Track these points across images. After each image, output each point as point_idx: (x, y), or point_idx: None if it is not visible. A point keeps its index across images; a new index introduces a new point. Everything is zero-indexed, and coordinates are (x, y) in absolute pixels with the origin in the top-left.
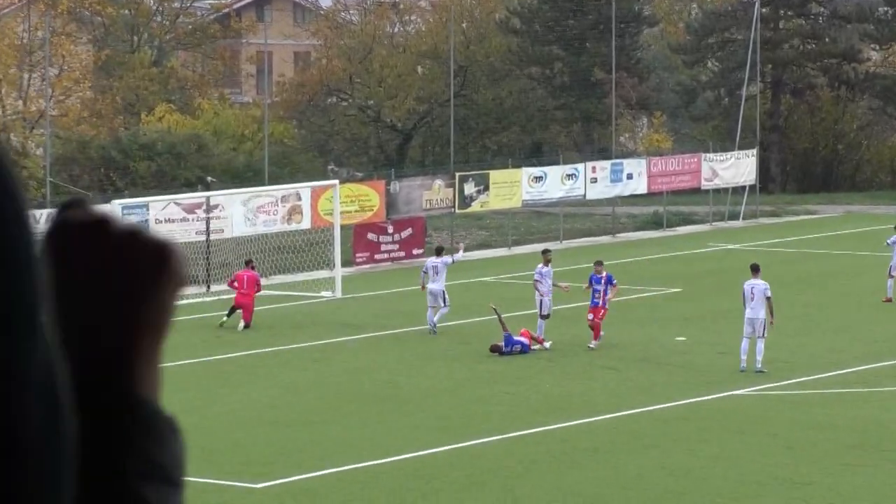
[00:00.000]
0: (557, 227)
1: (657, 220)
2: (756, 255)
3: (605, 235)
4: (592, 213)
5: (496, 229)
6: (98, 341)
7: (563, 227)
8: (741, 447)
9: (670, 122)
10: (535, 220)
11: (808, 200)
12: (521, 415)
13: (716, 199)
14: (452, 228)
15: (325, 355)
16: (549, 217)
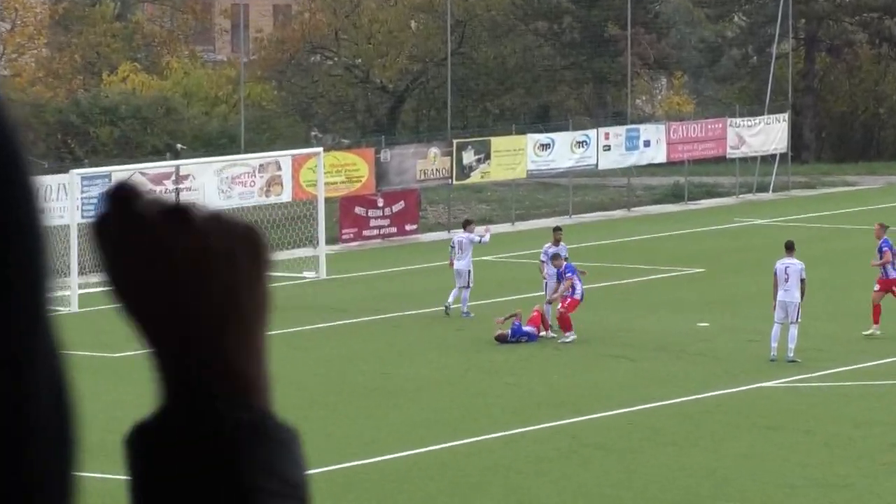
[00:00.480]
0: (566, 201)
1: (677, 192)
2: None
3: (619, 209)
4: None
5: (498, 203)
6: (203, 348)
7: (572, 200)
8: (771, 445)
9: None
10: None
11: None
12: (525, 409)
13: (743, 169)
14: (450, 202)
15: (307, 342)
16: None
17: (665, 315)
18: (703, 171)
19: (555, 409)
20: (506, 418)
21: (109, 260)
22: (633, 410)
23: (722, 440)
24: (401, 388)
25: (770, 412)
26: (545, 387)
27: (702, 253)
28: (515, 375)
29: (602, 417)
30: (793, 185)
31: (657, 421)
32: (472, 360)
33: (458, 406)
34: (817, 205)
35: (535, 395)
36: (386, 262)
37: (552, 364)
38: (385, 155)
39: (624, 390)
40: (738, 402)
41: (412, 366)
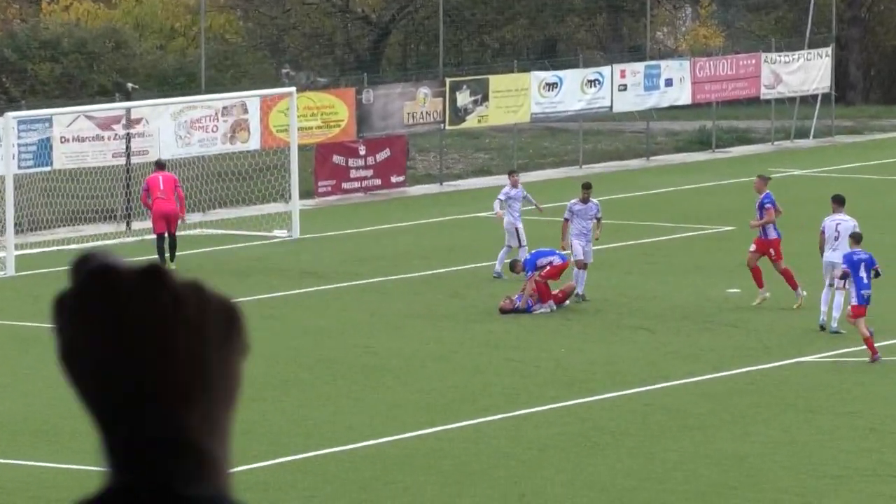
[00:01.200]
0: (576, 149)
1: (704, 138)
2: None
3: (636, 158)
4: (621, 129)
5: (497, 151)
6: (164, 422)
7: (583, 147)
8: (810, 429)
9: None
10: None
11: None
12: (528, 388)
13: (779, 111)
14: (442, 150)
15: (278, 312)
16: (565, 135)
17: (690, 280)
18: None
19: (563, 388)
20: (507, 399)
21: (69, 332)
22: (653, 389)
23: (753, 423)
24: (386, 364)
25: (809, 391)
26: (552, 363)
27: (732, 209)
28: (518, 350)
29: (617, 398)
30: (837, 130)
31: (679, 402)
32: (469, 332)
33: (452, 385)
34: (865, 152)
35: (541, 373)
36: (369, 219)
37: (560, 337)
38: (367, 96)
39: (642, 367)
40: (772, 379)
41: (399, 339)
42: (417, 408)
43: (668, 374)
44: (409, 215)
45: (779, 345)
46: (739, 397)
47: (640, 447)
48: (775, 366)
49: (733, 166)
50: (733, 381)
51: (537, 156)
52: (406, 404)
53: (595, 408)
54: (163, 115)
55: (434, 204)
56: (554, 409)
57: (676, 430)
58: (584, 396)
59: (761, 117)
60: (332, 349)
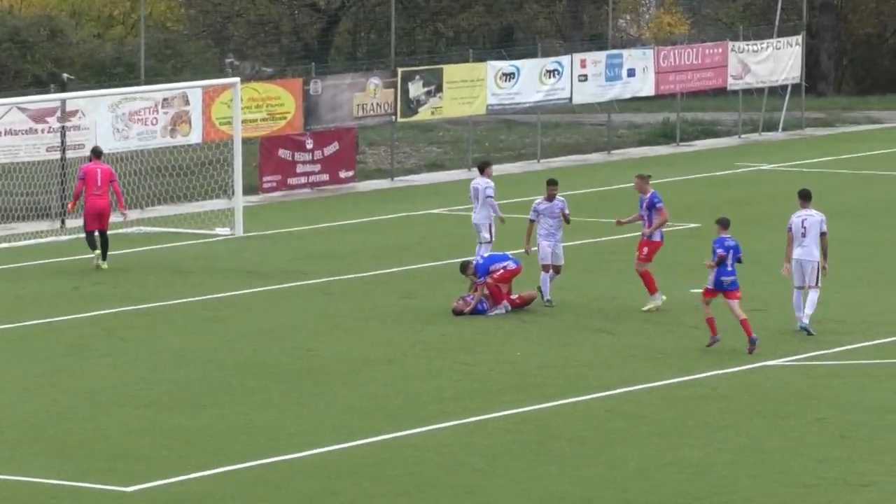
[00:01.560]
0: (534, 142)
1: (668, 131)
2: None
3: (597, 152)
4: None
5: (452, 144)
6: None
7: (541, 140)
8: (779, 436)
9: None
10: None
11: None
12: (483, 394)
13: (747, 103)
14: (393, 143)
15: (220, 313)
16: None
17: None
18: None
19: (519, 393)
20: (460, 405)
21: None
22: (613, 395)
23: (719, 430)
24: (333, 368)
25: (777, 397)
26: (507, 367)
27: (697, 205)
28: (472, 353)
29: (575, 403)
30: (807, 122)
31: (641, 407)
32: (420, 334)
33: (402, 390)
34: (837, 146)
35: (496, 377)
36: (316, 216)
37: (516, 339)
38: (315, 87)
39: (602, 370)
40: (738, 384)
41: (347, 342)
42: (365, 414)
43: (629, 378)
44: (358, 212)
45: (745, 347)
46: (704, 403)
47: (599, 455)
48: (742, 370)
49: (698, 160)
50: (698, 386)
51: (494, 149)
52: (353, 410)
53: (552, 414)
54: (100, 107)
55: (385, 200)
56: (509, 415)
57: (638, 438)
58: (540, 402)
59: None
60: (277, 352)
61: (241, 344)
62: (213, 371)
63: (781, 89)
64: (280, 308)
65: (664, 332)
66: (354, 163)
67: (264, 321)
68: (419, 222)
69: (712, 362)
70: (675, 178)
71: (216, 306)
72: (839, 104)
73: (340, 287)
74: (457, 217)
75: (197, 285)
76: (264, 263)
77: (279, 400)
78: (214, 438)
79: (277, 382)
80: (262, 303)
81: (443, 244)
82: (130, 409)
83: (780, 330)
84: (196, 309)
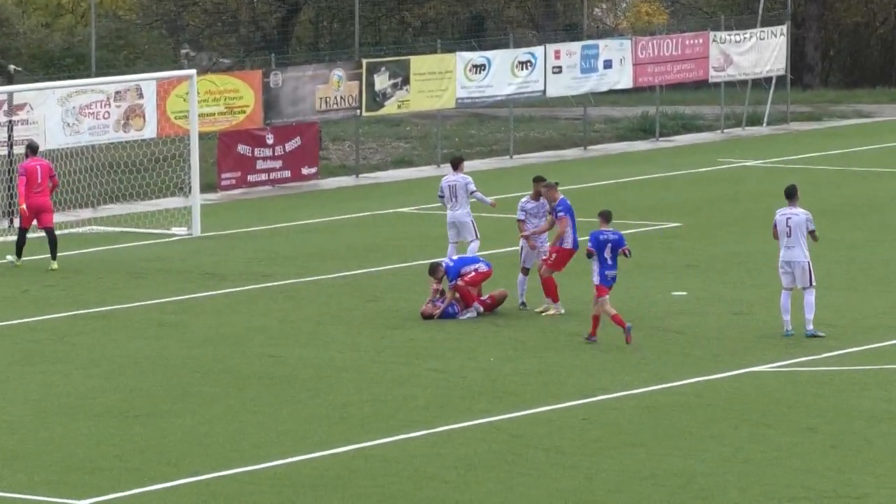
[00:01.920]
0: (506, 137)
1: (647, 126)
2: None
3: (573, 148)
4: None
5: (420, 140)
6: None
7: (514, 136)
8: (765, 446)
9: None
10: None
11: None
12: (454, 401)
13: (730, 96)
14: (358, 138)
15: (177, 318)
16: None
17: (631, 281)
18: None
19: (492, 401)
20: (430, 414)
21: None
22: (591, 402)
23: (702, 440)
24: (296, 375)
25: (763, 405)
26: (480, 374)
27: (678, 203)
28: (443, 359)
29: (551, 412)
30: (793, 116)
31: (621, 416)
32: (387, 339)
33: (369, 398)
34: (824, 141)
35: (468, 385)
36: (277, 215)
37: (489, 345)
38: (276, 79)
39: (579, 377)
40: (722, 391)
41: (311, 347)
42: (331, 423)
43: (607, 385)
44: (322, 211)
45: (729, 353)
46: (687, 411)
47: (577, 466)
48: (726, 376)
49: (679, 156)
50: (680, 394)
51: (464, 145)
52: (318, 419)
53: (527, 423)
54: (49, 101)
55: (350, 198)
56: (482, 424)
57: (617, 448)
58: (515, 410)
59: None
60: (237, 359)
61: (200, 350)
62: (170, 378)
63: (766, 82)
64: (241, 312)
65: (643, 336)
66: (317, 159)
67: (224, 326)
68: (386, 221)
69: (695, 369)
70: (655, 174)
71: (173, 310)
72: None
73: (304, 290)
74: (426, 216)
75: (152, 288)
76: (223, 265)
77: (240, 408)
78: (172, 449)
79: (238, 390)
80: (221, 306)
81: (411, 244)
82: (83, 419)
83: (766, 334)
84: (152, 313)
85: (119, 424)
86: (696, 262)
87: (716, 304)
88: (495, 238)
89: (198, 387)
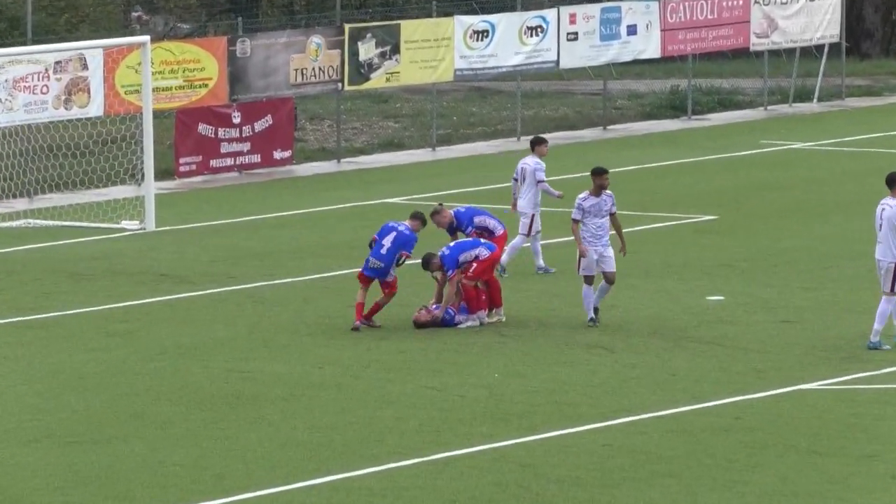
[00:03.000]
0: (512, 115)
1: (677, 102)
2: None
3: (590, 128)
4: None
5: (412, 119)
6: None
7: (521, 114)
8: (816, 477)
9: None
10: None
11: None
12: (452, 425)
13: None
14: (340, 117)
15: (128, 326)
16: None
17: (659, 284)
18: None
19: (497, 424)
20: (425, 439)
21: None
22: (613, 426)
23: (743, 470)
24: (266, 393)
25: (814, 428)
26: (483, 392)
27: (713, 192)
28: (439, 375)
29: (566, 437)
30: (848, 91)
31: (648, 442)
32: (374, 351)
33: (352, 421)
34: (884, 119)
35: (468, 405)
36: (245, 206)
37: (493, 358)
38: (243, 47)
39: (599, 396)
40: (766, 413)
41: (284, 361)
42: (308, 450)
43: (632, 405)
44: (297, 201)
45: (775, 368)
46: (725, 436)
47: (596, 500)
48: (771, 395)
49: (715, 137)
50: (717, 415)
51: (463, 124)
52: (293, 446)
53: (538, 450)
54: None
55: (330, 187)
56: (485, 451)
57: (644, 479)
58: (523, 435)
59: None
60: (198, 374)
61: (155, 364)
62: (120, 397)
63: (816, 50)
64: (202, 320)
65: (674, 348)
66: (292, 141)
67: (182, 335)
68: (372, 214)
69: (734, 387)
70: (686, 159)
71: (123, 317)
72: (887, 68)
73: (276, 293)
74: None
75: (99, 292)
76: (182, 265)
77: (201, 433)
78: (120, 480)
79: (200, 411)
80: (179, 313)
81: None
82: (17, 444)
83: (817, 346)
84: (98, 321)
85: (59, 451)
86: (734, 261)
87: (758, 311)
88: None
89: (152, 407)
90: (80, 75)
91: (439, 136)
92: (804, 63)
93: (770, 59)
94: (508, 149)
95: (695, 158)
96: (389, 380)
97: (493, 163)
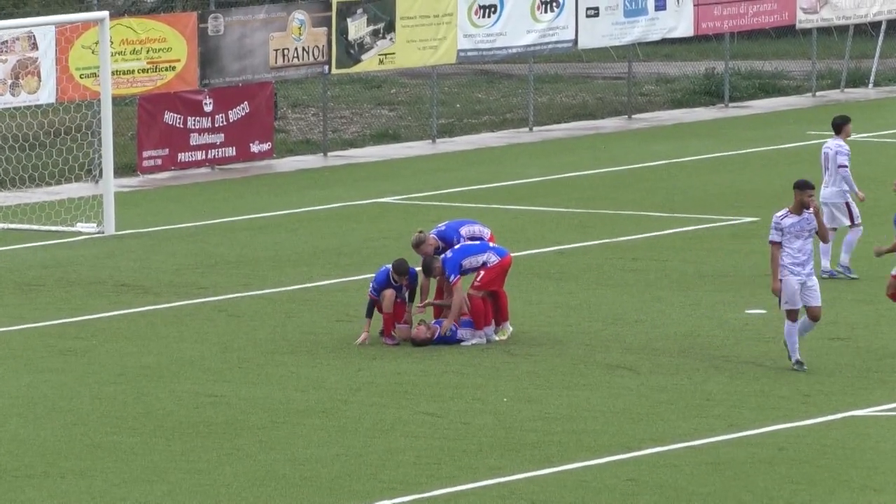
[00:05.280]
0: (523, 102)
1: (712, 87)
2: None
3: (613, 117)
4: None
5: (408, 107)
6: None
7: (534, 102)
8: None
9: None
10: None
11: None
12: (455, 456)
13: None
14: (326, 104)
15: (84, 344)
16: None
17: (691, 296)
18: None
19: (506, 455)
20: (422, 472)
21: None
22: (639, 457)
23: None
24: (242, 421)
25: (867, 461)
26: (490, 419)
27: (754, 191)
28: (440, 400)
29: (585, 469)
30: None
31: (678, 476)
32: (366, 373)
33: (341, 452)
34: None
35: (473, 434)
36: (218, 206)
37: (502, 381)
38: (216, 24)
39: (622, 424)
40: (813, 443)
41: (262, 384)
42: (289, 486)
43: (660, 434)
44: (277, 201)
45: (823, 392)
46: (766, 469)
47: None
48: (818, 423)
49: (756, 128)
50: (757, 446)
51: (468, 113)
52: (273, 480)
53: (553, 484)
54: None
55: (315, 184)
56: (492, 486)
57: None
58: (536, 467)
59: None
60: (164, 399)
61: (114, 387)
62: (75, 425)
63: (872, 28)
64: (168, 337)
65: (707, 368)
66: (272, 132)
67: (146, 355)
68: (363, 216)
69: (777, 413)
70: (723, 152)
71: (78, 334)
72: None
73: (252, 307)
74: (415, 208)
75: (51, 304)
76: (145, 273)
77: (167, 466)
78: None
79: (165, 441)
80: (142, 329)
81: (396, 246)
82: None
83: (871, 367)
84: (50, 338)
85: (6, 487)
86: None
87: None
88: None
89: (111, 437)
90: (29, 56)
91: (440, 127)
92: (858, 43)
93: (819, 39)
94: (519, 141)
95: (732, 152)
96: (383, 405)
97: (502, 156)
